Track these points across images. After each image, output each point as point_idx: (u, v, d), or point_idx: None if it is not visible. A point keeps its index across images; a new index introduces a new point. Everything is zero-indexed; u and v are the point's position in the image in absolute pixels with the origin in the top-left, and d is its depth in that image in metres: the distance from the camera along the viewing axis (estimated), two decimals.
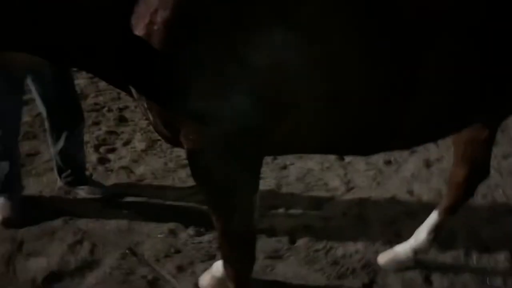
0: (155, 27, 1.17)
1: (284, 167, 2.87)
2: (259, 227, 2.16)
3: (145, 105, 1.30)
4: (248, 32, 1.17)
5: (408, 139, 1.48)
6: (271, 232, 2.31)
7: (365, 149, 1.52)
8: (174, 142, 1.38)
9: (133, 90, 1.32)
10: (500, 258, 2.26)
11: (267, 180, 2.70)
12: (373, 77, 1.25)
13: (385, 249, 2.23)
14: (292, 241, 2.30)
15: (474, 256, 2.27)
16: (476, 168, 2.00)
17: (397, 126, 1.36)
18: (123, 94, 3.04)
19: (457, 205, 2.09)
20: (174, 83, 1.21)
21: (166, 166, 2.82)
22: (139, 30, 1.19)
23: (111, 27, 1.22)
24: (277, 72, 1.20)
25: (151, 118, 1.34)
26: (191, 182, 2.66)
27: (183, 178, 2.72)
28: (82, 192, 2.49)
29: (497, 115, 1.67)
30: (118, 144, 3.04)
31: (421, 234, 2.13)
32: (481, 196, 2.67)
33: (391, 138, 1.42)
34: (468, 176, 2.01)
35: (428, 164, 3.01)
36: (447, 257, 2.25)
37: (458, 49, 1.28)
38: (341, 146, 1.48)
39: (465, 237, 2.39)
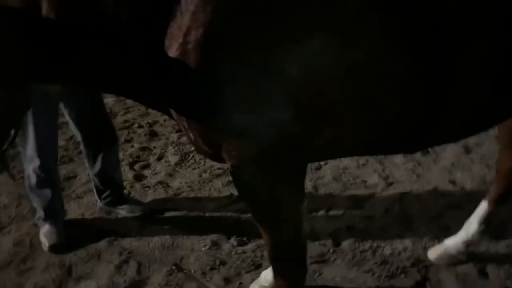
0: (190, 46, 1.16)
1: (319, 168, 2.83)
2: None
3: (185, 125, 1.30)
4: (280, 45, 1.15)
5: (448, 135, 1.44)
6: (314, 236, 2.28)
7: (409, 147, 1.48)
8: (217, 158, 1.37)
9: (172, 111, 1.32)
10: None
11: None
12: (411, 79, 1.23)
13: (433, 244, 2.17)
14: (337, 244, 2.26)
15: None
16: None
17: (437, 124, 1.33)
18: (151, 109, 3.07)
19: (507, 193, 2.01)
20: (212, 101, 1.20)
21: (201, 177, 2.82)
22: (173, 51, 1.18)
23: (145, 51, 1.21)
24: (313, 82, 1.18)
25: (191, 137, 1.33)
26: (227, 191, 2.68)
27: (219, 188, 2.71)
28: (122, 211, 2.51)
29: None
30: (152, 159, 3.06)
31: (471, 225, 2.06)
32: None
33: (431, 136, 1.39)
34: None
35: (467, 150, 2.92)
36: (501, 247, 2.17)
37: (492, 42, 1.25)
38: (381, 147, 1.45)
39: None
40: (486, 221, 2.04)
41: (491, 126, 1.51)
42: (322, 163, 2.85)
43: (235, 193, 2.51)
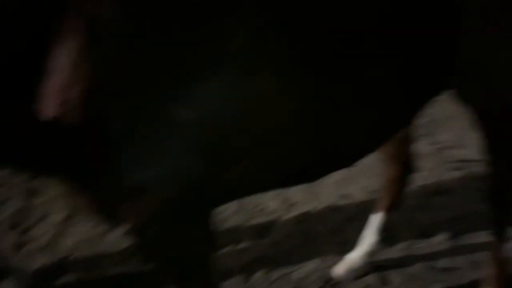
0: (69, 106, 1.05)
1: None
2: None
3: (76, 190, 1.16)
4: (172, 92, 1.10)
5: (353, 157, 1.50)
6: (226, 274, 2.23)
7: (314, 177, 1.51)
8: (114, 221, 1.25)
9: (58, 178, 1.17)
10: (439, 240, 2.41)
11: None
12: (310, 110, 1.25)
13: (338, 260, 2.26)
14: (247, 279, 2.23)
15: (418, 244, 2.39)
16: (405, 163, 2.11)
17: (340, 150, 1.38)
18: None
19: (395, 201, 2.19)
20: (103, 161, 1.10)
21: (94, 232, 2.59)
22: (49, 113, 1.05)
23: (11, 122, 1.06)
24: (211, 126, 1.15)
25: (83, 202, 1.20)
26: (125, 243, 2.50)
27: (116, 241, 2.52)
28: (6, 286, 2.19)
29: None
30: (35, 219, 2.74)
31: (368, 237, 2.19)
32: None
33: (336, 161, 1.44)
34: (399, 172, 2.12)
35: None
36: (396, 251, 2.35)
37: (381, 62, 1.32)
38: (290, 180, 1.46)
39: (404, 228, 2.51)
40: (381, 229, 2.19)
41: (381, 145, 1.62)
42: None
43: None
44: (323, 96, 1.25)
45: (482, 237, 2.40)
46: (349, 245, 2.37)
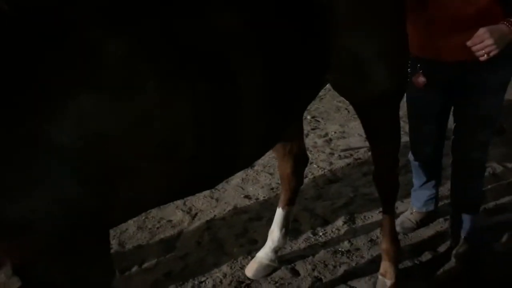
0: None
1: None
2: None
3: None
4: (44, 114, 0.98)
5: (247, 159, 1.52)
6: None
7: (211, 183, 1.49)
8: None
9: None
10: (339, 225, 2.56)
11: None
12: (198, 115, 1.21)
13: (248, 261, 2.28)
14: None
15: (320, 233, 2.51)
16: (298, 158, 2.20)
17: (234, 153, 1.37)
18: None
19: (294, 195, 2.27)
20: None
21: None
22: None
23: None
24: (93, 146, 1.04)
25: None
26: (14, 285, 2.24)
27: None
28: None
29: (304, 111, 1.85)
30: None
31: (274, 233, 2.25)
32: None
33: (231, 164, 1.43)
34: (294, 167, 2.20)
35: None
36: (300, 242, 2.44)
37: (259, 66, 1.34)
38: (188, 189, 1.42)
39: (306, 218, 2.63)
40: (285, 225, 2.26)
41: (274, 145, 1.65)
42: None
43: None
44: (208, 103, 1.22)
45: (375, 216, 2.61)
46: (257, 244, 2.41)
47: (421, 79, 1.96)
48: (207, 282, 2.20)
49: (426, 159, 2.35)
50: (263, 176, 3.10)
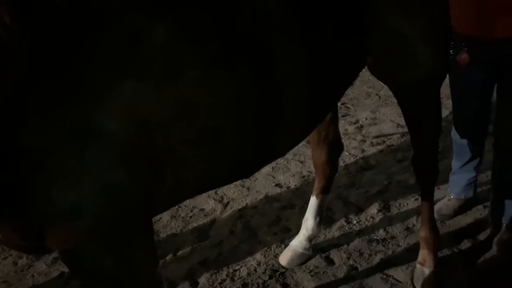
0: None
1: None
2: None
3: None
4: (92, 101, 0.99)
5: (286, 146, 1.49)
6: (170, 283, 2.13)
7: (250, 171, 1.48)
8: (39, 250, 1.12)
9: None
10: (373, 213, 2.51)
11: None
12: (238, 103, 1.21)
13: (282, 250, 2.26)
14: (195, 284, 2.15)
15: (354, 221, 2.47)
16: (333, 145, 2.15)
17: (274, 140, 1.36)
18: None
19: (329, 183, 2.23)
20: (21, 186, 0.97)
21: (17, 266, 2.35)
22: None
23: None
24: (139, 132, 1.06)
25: (1, 232, 1.06)
26: (56, 270, 2.29)
27: (44, 270, 2.31)
28: None
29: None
30: None
31: (309, 221, 2.22)
32: None
33: (271, 152, 1.42)
34: (329, 155, 2.16)
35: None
36: (334, 231, 2.41)
37: (301, 47, 1.32)
38: (228, 177, 1.41)
39: (339, 207, 2.59)
40: (319, 213, 2.23)
41: (311, 131, 1.61)
42: None
43: (66, 269, 2.17)
44: (250, 91, 1.22)
45: (411, 203, 2.55)
46: (291, 233, 2.39)
47: (465, 58, 1.90)
48: (241, 270, 2.20)
49: (469, 136, 2.28)
50: (293, 165, 3.07)
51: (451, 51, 1.85)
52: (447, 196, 2.48)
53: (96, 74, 1.00)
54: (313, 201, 2.23)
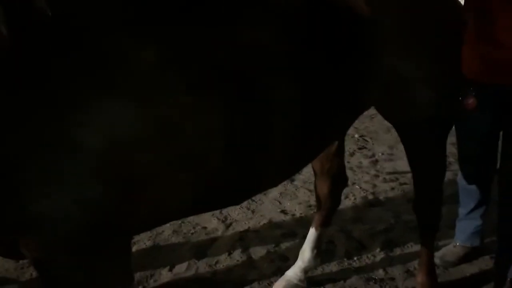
0: None
1: None
2: None
3: None
4: (72, 114, 1.00)
5: (275, 176, 1.49)
6: None
7: (236, 199, 1.47)
8: (11, 254, 1.14)
9: None
10: (375, 251, 2.46)
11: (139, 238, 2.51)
12: (226, 127, 1.20)
13: (277, 278, 2.24)
14: None
15: (355, 257, 2.43)
16: (336, 178, 2.14)
17: (262, 169, 1.35)
18: None
19: (330, 215, 2.21)
20: None
21: (17, 263, 2.41)
22: None
23: None
24: (118, 149, 1.05)
25: None
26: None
27: None
28: None
29: (344, 132, 1.81)
30: None
31: (306, 253, 2.20)
32: (343, 196, 2.89)
33: (259, 181, 1.41)
34: (332, 187, 2.15)
35: (291, 179, 3.15)
36: (333, 265, 2.37)
37: (295, 81, 1.31)
38: (210, 203, 1.39)
39: (341, 241, 2.55)
40: (317, 245, 2.20)
41: (304, 166, 1.61)
42: None
43: None
44: (237, 117, 1.21)
45: (415, 246, 2.49)
46: (288, 262, 2.37)
47: (472, 102, 1.87)
48: None
49: (475, 181, 2.22)
50: (302, 192, 3.05)
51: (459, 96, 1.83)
52: (453, 243, 2.41)
53: (78, 88, 1.01)
54: (312, 233, 2.21)
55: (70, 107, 1.00)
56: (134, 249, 2.46)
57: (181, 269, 2.34)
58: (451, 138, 1.95)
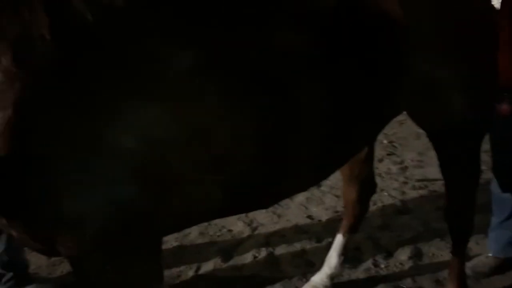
0: None
1: None
2: None
3: (6, 223, 1.09)
4: (110, 117, 1.03)
5: (305, 181, 1.48)
6: None
7: (263, 203, 1.47)
8: (52, 252, 1.17)
9: None
10: (403, 259, 2.42)
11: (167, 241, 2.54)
12: (258, 132, 1.22)
13: (302, 284, 2.23)
14: None
15: (382, 265, 2.39)
16: (365, 184, 2.11)
17: (290, 174, 1.35)
18: None
19: (357, 222, 2.19)
20: (33, 192, 1.01)
21: (49, 260, 2.47)
22: None
23: None
24: (153, 151, 1.08)
25: (14, 234, 1.13)
26: None
27: None
28: None
29: (374, 138, 1.79)
30: None
31: (332, 259, 2.17)
32: (371, 203, 2.85)
33: (287, 185, 1.41)
34: (360, 193, 2.12)
35: (318, 184, 3.13)
36: (359, 272, 2.33)
37: (326, 79, 1.31)
38: (238, 206, 1.40)
39: (369, 248, 2.51)
40: (344, 252, 2.18)
41: (333, 172, 1.60)
42: None
43: None
44: (268, 123, 1.22)
45: (444, 255, 2.43)
46: (314, 267, 2.35)
47: (506, 108, 1.82)
48: None
49: (509, 191, 2.16)
50: (328, 198, 3.03)
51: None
52: (486, 253, 2.34)
53: (117, 92, 1.04)
54: (339, 239, 2.19)
55: (109, 110, 1.03)
56: None
57: (208, 272, 2.36)
58: (484, 146, 1.90)
